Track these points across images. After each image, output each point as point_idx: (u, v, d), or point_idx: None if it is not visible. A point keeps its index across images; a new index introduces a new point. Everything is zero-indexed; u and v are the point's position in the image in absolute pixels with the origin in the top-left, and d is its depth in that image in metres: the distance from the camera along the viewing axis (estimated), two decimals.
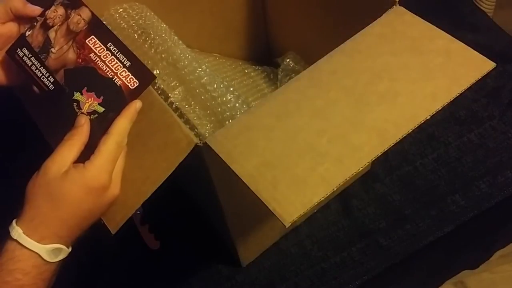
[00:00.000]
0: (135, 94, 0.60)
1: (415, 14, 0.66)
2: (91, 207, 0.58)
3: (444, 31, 0.64)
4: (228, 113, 0.72)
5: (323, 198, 0.51)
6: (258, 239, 0.91)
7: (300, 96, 0.60)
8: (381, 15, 0.66)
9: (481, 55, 0.60)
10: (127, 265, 0.97)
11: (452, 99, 0.57)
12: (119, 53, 0.61)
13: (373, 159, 0.54)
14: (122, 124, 0.59)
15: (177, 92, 0.73)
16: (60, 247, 0.57)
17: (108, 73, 0.61)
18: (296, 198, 0.52)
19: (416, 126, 0.56)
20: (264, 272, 0.94)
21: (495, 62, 0.60)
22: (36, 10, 0.65)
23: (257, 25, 1.07)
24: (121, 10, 0.78)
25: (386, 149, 0.54)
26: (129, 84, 0.60)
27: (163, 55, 0.75)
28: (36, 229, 0.56)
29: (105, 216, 0.61)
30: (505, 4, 1.63)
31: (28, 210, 0.56)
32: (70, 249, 0.60)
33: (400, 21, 0.65)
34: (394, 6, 0.66)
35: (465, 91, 0.58)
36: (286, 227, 0.50)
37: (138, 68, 0.60)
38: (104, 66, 0.61)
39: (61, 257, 0.58)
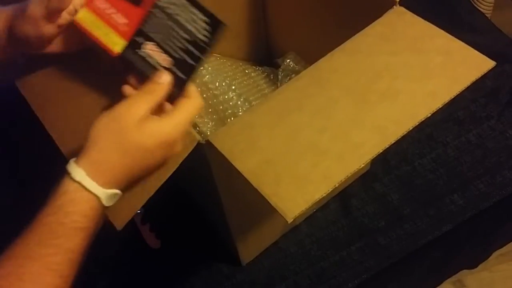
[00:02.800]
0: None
1: (414, 14, 0.67)
2: (157, 160, 0.57)
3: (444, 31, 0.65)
4: (230, 111, 0.72)
5: (324, 195, 0.52)
6: (258, 238, 0.91)
7: (301, 94, 0.60)
8: (382, 15, 0.67)
9: (481, 54, 0.61)
10: (127, 264, 0.97)
11: (452, 97, 0.58)
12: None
13: (374, 156, 0.54)
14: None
15: None
16: (117, 193, 0.56)
17: None
18: (298, 194, 0.52)
19: (416, 124, 0.56)
20: (264, 271, 0.95)
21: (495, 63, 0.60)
22: None
23: (258, 26, 1.07)
24: None
25: (387, 147, 0.55)
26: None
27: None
28: (102, 173, 0.54)
29: (110, 213, 0.60)
30: (503, 5, 1.64)
31: (95, 154, 0.55)
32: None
33: (400, 21, 0.66)
34: (394, 6, 0.67)
35: (463, 91, 0.58)
36: (289, 222, 0.50)
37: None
38: None
39: (114, 202, 0.57)
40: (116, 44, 0.61)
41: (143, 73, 0.60)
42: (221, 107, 0.72)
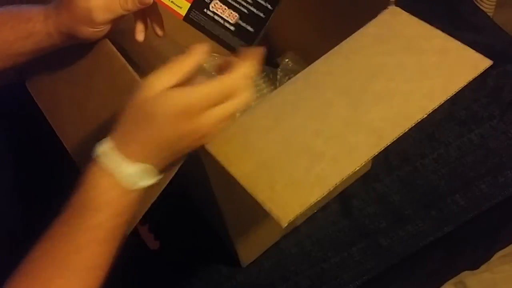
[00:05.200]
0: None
1: (415, 14, 0.66)
2: (180, 132, 0.54)
3: (444, 31, 0.64)
4: None
5: (319, 199, 0.51)
6: (258, 239, 0.91)
7: (297, 97, 0.60)
8: (378, 15, 0.66)
9: (477, 53, 0.60)
10: (126, 265, 0.96)
11: (448, 97, 0.57)
12: None
13: (369, 158, 0.54)
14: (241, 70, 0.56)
15: None
16: (148, 167, 0.54)
17: None
18: (293, 199, 0.52)
19: (412, 125, 0.56)
20: (264, 272, 0.94)
21: (495, 62, 0.59)
22: None
23: None
24: None
25: (382, 149, 0.54)
26: None
27: (160, 56, 0.75)
28: (127, 145, 0.53)
29: None
30: (505, 3, 1.62)
31: (120, 127, 0.54)
32: (159, 176, 0.57)
33: (395, 21, 0.65)
34: (389, 6, 0.66)
35: (465, 90, 0.58)
36: (283, 227, 0.50)
37: None
38: None
39: (147, 181, 0.56)
40: (180, 7, 0.63)
41: (211, 33, 0.61)
42: None
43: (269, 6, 0.59)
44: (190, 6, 0.62)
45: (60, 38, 0.66)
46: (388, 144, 0.54)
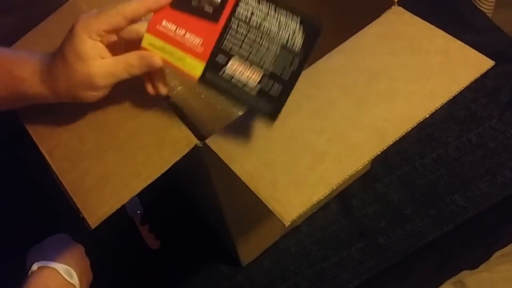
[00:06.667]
0: None
1: (414, 14, 0.66)
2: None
3: (443, 31, 0.64)
4: (229, 111, 0.72)
5: (322, 197, 0.52)
6: (258, 238, 0.91)
7: (300, 96, 0.60)
8: (380, 15, 0.67)
9: (479, 54, 0.61)
10: (127, 265, 0.97)
11: (451, 97, 0.58)
12: None
13: (372, 158, 0.54)
14: None
15: (178, 92, 0.73)
16: None
17: None
18: (296, 198, 0.52)
19: (415, 125, 0.56)
20: (264, 271, 0.95)
21: (494, 62, 0.60)
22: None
23: None
24: None
25: (385, 148, 0.55)
26: None
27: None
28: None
29: (85, 210, 0.56)
30: (504, 3, 1.63)
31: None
32: None
33: (399, 21, 0.65)
34: (393, 6, 0.66)
35: (464, 91, 0.58)
36: (286, 226, 0.50)
37: None
38: None
39: None
40: (194, 68, 0.56)
41: (232, 95, 0.55)
42: (219, 107, 0.72)
43: (293, 68, 0.53)
44: (205, 67, 0.55)
45: (58, 100, 0.61)
46: (391, 144, 0.55)
